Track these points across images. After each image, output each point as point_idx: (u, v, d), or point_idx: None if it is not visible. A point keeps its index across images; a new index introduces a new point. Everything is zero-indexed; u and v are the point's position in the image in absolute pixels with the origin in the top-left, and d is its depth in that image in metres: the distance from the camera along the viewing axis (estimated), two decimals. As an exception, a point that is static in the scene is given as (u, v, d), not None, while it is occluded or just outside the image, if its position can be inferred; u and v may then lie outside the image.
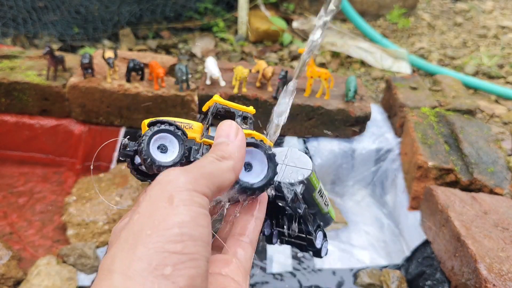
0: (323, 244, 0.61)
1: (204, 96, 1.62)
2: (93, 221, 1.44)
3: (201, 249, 0.34)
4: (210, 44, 2.55)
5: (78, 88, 1.60)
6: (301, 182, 0.52)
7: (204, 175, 0.38)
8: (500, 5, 3.28)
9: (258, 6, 2.77)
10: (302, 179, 0.51)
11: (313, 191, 0.55)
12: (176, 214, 0.34)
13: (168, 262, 0.32)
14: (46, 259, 1.30)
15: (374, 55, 2.37)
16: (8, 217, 1.52)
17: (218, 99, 0.48)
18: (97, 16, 2.43)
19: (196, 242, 0.34)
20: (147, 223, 0.34)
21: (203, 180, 0.38)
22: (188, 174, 0.38)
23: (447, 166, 1.42)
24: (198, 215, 0.35)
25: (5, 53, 1.82)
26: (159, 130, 0.43)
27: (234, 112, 0.48)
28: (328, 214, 0.62)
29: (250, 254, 0.45)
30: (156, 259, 0.32)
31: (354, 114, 1.60)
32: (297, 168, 0.53)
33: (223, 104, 0.48)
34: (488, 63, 2.39)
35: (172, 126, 0.44)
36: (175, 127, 0.44)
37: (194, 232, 0.34)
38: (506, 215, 1.23)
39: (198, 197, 0.36)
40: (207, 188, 0.38)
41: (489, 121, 1.91)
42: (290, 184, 0.51)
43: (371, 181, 1.72)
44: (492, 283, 1.00)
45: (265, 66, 1.64)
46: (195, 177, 0.38)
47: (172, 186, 0.36)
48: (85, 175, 1.67)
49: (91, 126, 1.69)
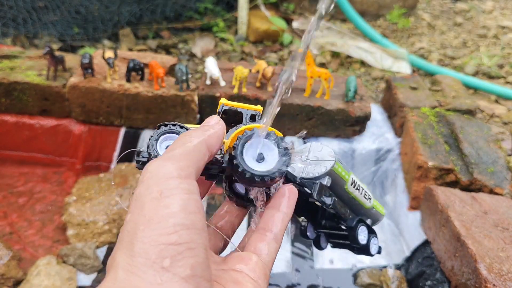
0: (371, 240, 0.58)
1: (204, 96, 1.62)
2: (93, 221, 1.44)
3: (196, 236, 0.34)
4: (210, 44, 2.55)
5: (78, 88, 1.60)
6: (325, 175, 0.50)
7: (184, 155, 0.38)
8: (500, 5, 3.28)
9: (258, 6, 2.77)
10: (325, 171, 0.50)
11: (344, 184, 0.53)
12: (165, 206, 0.34)
13: (166, 254, 0.32)
14: (46, 259, 1.30)
15: (374, 55, 2.37)
16: (8, 217, 1.52)
17: (224, 101, 0.48)
18: (97, 16, 2.43)
19: (190, 231, 0.34)
20: (139, 219, 0.34)
21: (185, 161, 0.37)
22: (169, 161, 0.37)
23: (447, 166, 1.42)
24: (188, 202, 0.35)
25: (5, 53, 1.82)
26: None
27: (242, 112, 0.48)
28: (373, 209, 0.59)
29: (274, 250, 0.44)
30: (154, 253, 0.32)
31: (354, 114, 1.60)
32: (320, 161, 0.51)
33: (230, 105, 0.48)
34: (488, 63, 2.39)
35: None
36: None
37: (186, 221, 0.34)
38: (506, 215, 1.23)
39: (184, 183, 0.36)
40: (191, 168, 0.37)
41: (489, 121, 1.91)
42: (313, 179, 0.49)
43: (371, 181, 1.72)
44: (492, 283, 1.00)
45: (265, 66, 1.64)
46: (176, 162, 0.37)
47: (156, 179, 0.36)
48: (85, 175, 1.67)
49: (91, 126, 1.69)
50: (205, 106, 1.64)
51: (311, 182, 0.49)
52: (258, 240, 0.44)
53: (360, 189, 0.55)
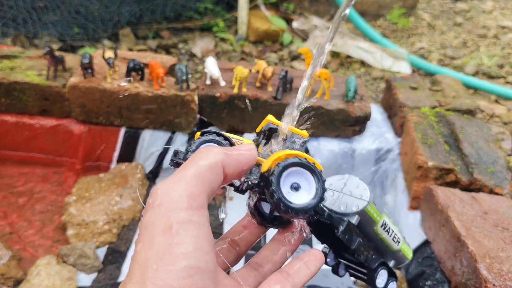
0: (389, 285, 0.56)
1: (204, 96, 1.62)
2: (93, 221, 1.44)
3: (209, 281, 0.33)
4: (210, 44, 2.55)
5: (78, 88, 1.60)
6: (356, 214, 0.48)
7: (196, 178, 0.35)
8: (500, 5, 3.28)
9: (258, 6, 2.77)
10: (356, 210, 0.49)
11: (374, 225, 0.51)
12: (178, 244, 0.33)
13: None
14: (46, 259, 1.30)
15: (374, 55, 2.37)
16: (8, 217, 1.52)
17: (271, 118, 0.47)
18: (97, 16, 2.43)
19: (204, 275, 0.33)
20: (150, 255, 0.33)
21: (197, 186, 0.35)
22: (180, 184, 0.35)
23: (447, 166, 1.42)
24: (201, 240, 0.34)
25: (5, 53, 1.82)
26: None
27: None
28: (400, 252, 0.57)
29: None
30: None
31: (354, 114, 1.60)
32: (353, 198, 0.50)
33: (276, 124, 0.46)
34: (488, 63, 2.39)
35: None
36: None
37: (200, 264, 0.33)
38: (506, 215, 1.23)
39: (195, 215, 0.34)
40: (202, 196, 0.35)
41: (489, 121, 1.91)
42: (342, 214, 0.48)
43: (371, 181, 1.72)
44: (492, 283, 1.00)
45: (265, 66, 1.64)
46: (188, 187, 0.35)
47: (167, 208, 0.34)
48: (85, 175, 1.67)
49: (91, 126, 1.69)
50: (205, 106, 1.64)
51: (340, 217, 0.47)
52: (279, 282, 0.42)
53: (390, 231, 0.54)
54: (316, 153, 1.65)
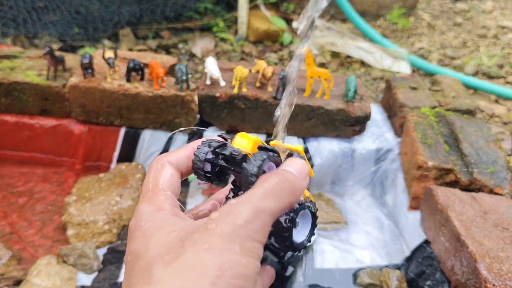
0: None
1: (204, 96, 1.62)
2: (93, 221, 1.44)
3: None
4: (210, 44, 2.55)
5: (78, 88, 1.60)
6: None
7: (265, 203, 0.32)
8: (500, 5, 3.28)
9: (258, 6, 2.77)
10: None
11: None
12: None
13: None
14: (46, 259, 1.30)
15: (374, 55, 2.37)
16: (8, 217, 1.52)
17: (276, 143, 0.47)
18: (97, 16, 2.43)
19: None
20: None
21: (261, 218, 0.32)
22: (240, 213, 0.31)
23: (447, 166, 1.42)
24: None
25: (5, 53, 1.82)
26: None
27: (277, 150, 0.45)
28: None
29: None
30: None
31: (354, 114, 1.61)
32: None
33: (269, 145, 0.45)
34: (488, 63, 2.39)
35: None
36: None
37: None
38: (506, 215, 1.23)
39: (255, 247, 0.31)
40: (266, 228, 0.32)
41: (489, 121, 1.91)
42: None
43: (371, 181, 1.72)
44: (492, 283, 1.00)
45: (265, 66, 1.64)
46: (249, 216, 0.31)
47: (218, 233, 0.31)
48: (85, 175, 1.67)
49: (91, 126, 1.69)
50: (205, 106, 1.64)
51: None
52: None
53: None
54: (316, 153, 1.65)
